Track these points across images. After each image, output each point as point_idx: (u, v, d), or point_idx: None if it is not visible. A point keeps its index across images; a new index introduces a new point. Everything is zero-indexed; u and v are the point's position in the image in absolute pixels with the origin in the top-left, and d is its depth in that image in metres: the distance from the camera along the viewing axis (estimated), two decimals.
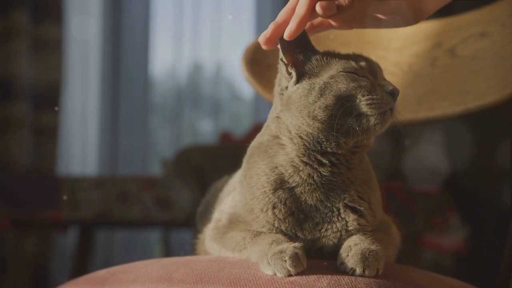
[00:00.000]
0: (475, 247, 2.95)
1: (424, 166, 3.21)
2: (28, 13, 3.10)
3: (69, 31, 3.39)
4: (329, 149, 0.90)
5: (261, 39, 0.91)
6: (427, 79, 1.36)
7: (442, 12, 1.11)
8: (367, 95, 0.87)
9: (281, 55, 0.91)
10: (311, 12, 0.89)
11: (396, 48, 0.99)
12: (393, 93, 0.88)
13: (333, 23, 0.94)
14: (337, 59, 0.91)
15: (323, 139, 0.89)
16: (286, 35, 0.89)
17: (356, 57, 0.92)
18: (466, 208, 3.03)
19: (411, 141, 3.13)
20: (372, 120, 0.87)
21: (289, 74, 0.92)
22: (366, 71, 0.90)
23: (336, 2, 0.88)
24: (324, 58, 0.91)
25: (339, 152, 0.90)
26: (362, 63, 0.91)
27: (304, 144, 0.90)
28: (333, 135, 0.89)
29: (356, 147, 0.91)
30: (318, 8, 0.87)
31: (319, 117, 0.88)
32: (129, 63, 3.74)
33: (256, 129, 1.31)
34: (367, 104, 0.87)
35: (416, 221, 2.55)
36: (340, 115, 0.87)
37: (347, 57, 0.92)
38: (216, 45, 3.90)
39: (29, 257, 2.65)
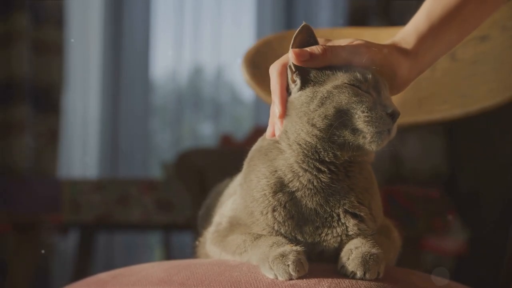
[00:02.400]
0: (476, 250, 2.95)
1: (424, 168, 3.21)
2: (29, 16, 3.11)
3: (70, 33, 3.40)
4: (327, 159, 0.90)
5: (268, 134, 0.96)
6: (427, 82, 1.36)
7: None
8: (367, 112, 0.87)
9: (290, 61, 0.92)
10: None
11: None
12: (393, 115, 0.88)
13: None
14: (344, 70, 0.91)
15: (321, 149, 0.89)
16: (268, 137, 0.95)
17: (363, 71, 0.91)
18: (467, 210, 3.03)
19: (411, 143, 3.13)
20: (368, 138, 0.87)
21: (294, 81, 0.92)
22: (371, 87, 0.90)
23: (309, 50, 0.90)
24: (332, 67, 0.91)
25: (337, 162, 0.90)
26: (369, 78, 0.90)
27: (303, 152, 0.90)
28: (330, 146, 0.89)
29: (354, 160, 0.91)
30: (290, 54, 0.90)
31: (317, 125, 0.88)
32: (129, 66, 3.75)
33: (257, 132, 1.32)
34: (365, 121, 0.86)
35: (416, 224, 2.55)
36: (338, 126, 0.87)
37: (354, 69, 0.91)
38: (217, 48, 3.90)
39: (29, 260, 2.65)
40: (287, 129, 0.92)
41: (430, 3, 1.03)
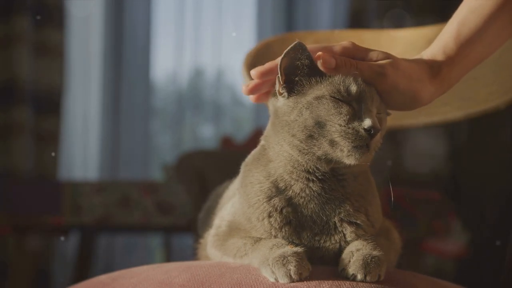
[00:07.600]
0: (476, 252, 2.95)
1: (425, 171, 3.21)
2: (29, 18, 3.11)
3: (71, 36, 3.40)
4: (310, 170, 0.90)
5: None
6: None
7: (443, 18, 1.11)
8: (344, 125, 0.85)
9: (278, 72, 0.90)
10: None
11: (397, 53, 0.99)
12: (370, 131, 0.86)
13: None
14: (328, 81, 0.89)
15: (302, 162, 0.89)
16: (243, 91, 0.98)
17: (349, 82, 0.89)
18: (467, 213, 3.03)
19: (412, 145, 3.13)
20: (345, 152, 0.86)
21: (280, 94, 0.91)
22: (354, 99, 0.88)
23: (335, 61, 0.90)
24: (317, 78, 0.90)
25: (319, 172, 0.90)
26: (352, 90, 0.88)
27: (289, 163, 0.91)
28: (310, 159, 0.88)
29: (344, 170, 0.90)
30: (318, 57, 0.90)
31: (297, 136, 0.88)
32: (130, 67, 3.75)
33: (257, 134, 1.32)
34: (341, 136, 0.85)
35: (417, 226, 2.55)
36: (317, 137, 0.86)
37: (339, 81, 0.89)
38: (217, 50, 3.90)
39: (30, 262, 2.65)
40: (271, 140, 0.92)
41: (456, 23, 1.01)
